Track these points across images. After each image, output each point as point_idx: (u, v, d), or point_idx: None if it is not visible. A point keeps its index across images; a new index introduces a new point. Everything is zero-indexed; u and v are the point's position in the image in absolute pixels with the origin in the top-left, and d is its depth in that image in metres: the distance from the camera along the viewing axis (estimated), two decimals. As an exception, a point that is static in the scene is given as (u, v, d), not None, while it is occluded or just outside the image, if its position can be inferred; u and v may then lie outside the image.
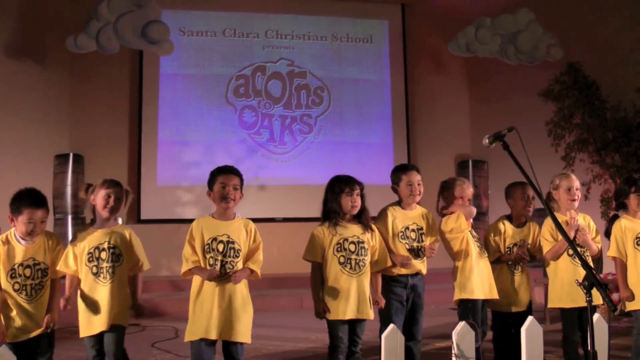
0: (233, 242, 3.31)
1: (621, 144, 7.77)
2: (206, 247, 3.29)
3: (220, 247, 3.29)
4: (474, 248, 3.82)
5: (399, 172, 3.82)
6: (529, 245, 3.99)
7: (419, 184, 3.76)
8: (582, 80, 8.23)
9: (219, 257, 3.27)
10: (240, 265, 3.31)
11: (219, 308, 3.22)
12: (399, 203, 3.83)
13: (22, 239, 3.30)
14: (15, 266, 3.25)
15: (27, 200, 3.27)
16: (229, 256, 3.28)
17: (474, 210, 3.84)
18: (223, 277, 3.24)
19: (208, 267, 3.26)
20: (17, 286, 3.24)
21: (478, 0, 9.58)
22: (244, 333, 3.27)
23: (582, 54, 8.40)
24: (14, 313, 3.23)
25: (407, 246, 3.69)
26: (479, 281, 3.78)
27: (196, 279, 3.32)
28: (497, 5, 9.38)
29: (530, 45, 8.84)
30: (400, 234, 3.71)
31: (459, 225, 3.81)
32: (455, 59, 9.90)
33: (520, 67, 9.11)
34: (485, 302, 3.87)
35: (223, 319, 3.22)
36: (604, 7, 8.65)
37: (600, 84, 8.19)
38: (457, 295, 3.81)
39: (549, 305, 3.97)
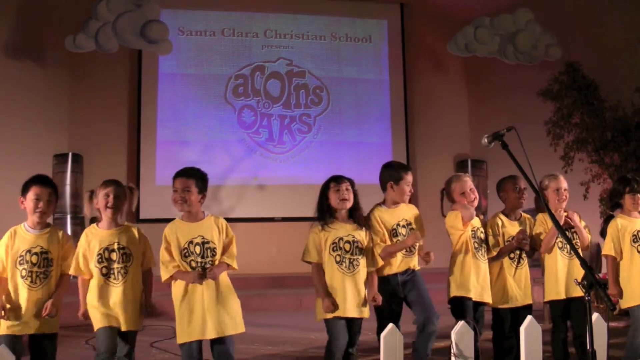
0: (208, 242, 3.33)
1: (620, 143, 7.78)
2: (184, 252, 3.31)
3: (198, 249, 3.30)
4: (470, 249, 3.83)
5: (400, 170, 3.83)
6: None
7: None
8: (581, 79, 8.24)
9: (199, 259, 3.29)
10: (217, 263, 3.32)
11: (209, 307, 3.24)
12: (383, 203, 3.85)
13: (32, 228, 3.37)
14: (23, 253, 3.31)
15: (35, 179, 3.39)
16: (207, 256, 3.30)
17: (474, 214, 3.84)
18: (204, 276, 3.26)
19: (189, 270, 3.28)
20: (24, 272, 3.30)
21: (477, 0, 9.58)
22: (238, 323, 3.30)
23: (581, 53, 8.41)
24: (17, 301, 3.26)
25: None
26: (474, 282, 3.80)
27: (178, 284, 3.32)
28: (496, 4, 9.39)
29: (529, 44, 8.85)
30: (392, 233, 3.73)
31: (456, 224, 3.83)
32: (454, 59, 9.90)
33: (519, 66, 9.12)
34: (481, 303, 3.88)
35: (216, 316, 3.24)
36: (602, 7, 8.66)
37: (599, 84, 8.20)
38: (454, 292, 3.82)
39: (545, 299, 4.03)
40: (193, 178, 3.41)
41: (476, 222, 3.92)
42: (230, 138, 9.57)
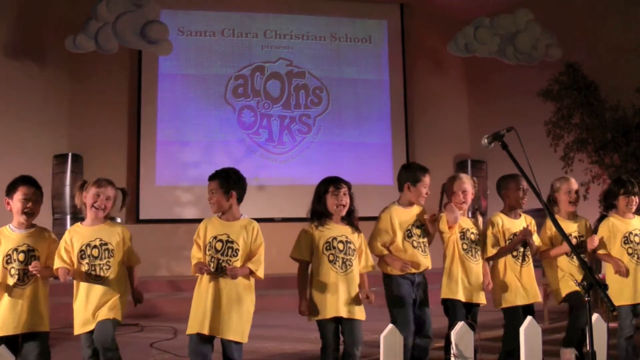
0: (232, 242, 3.35)
1: (620, 144, 7.78)
2: (207, 246, 3.36)
3: (219, 245, 3.34)
4: (457, 250, 3.85)
5: (418, 172, 3.82)
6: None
7: None
8: (580, 80, 8.24)
9: (217, 255, 3.32)
10: (238, 264, 3.33)
11: (211, 304, 3.26)
12: (397, 202, 3.85)
13: (17, 228, 3.39)
14: (10, 252, 3.33)
15: (21, 180, 3.41)
16: (226, 255, 3.32)
17: (458, 217, 3.82)
18: (218, 273, 3.29)
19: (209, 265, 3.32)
20: (12, 271, 3.31)
21: (477, 0, 9.58)
22: (236, 331, 3.27)
23: (581, 53, 8.41)
24: (8, 301, 3.27)
25: (415, 244, 3.72)
26: (464, 283, 3.81)
27: (199, 277, 3.38)
28: (496, 5, 9.39)
29: (529, 45, 8.85)
30: (406, 233, 3.73)
31: (442, 227, 3.87)
32: (454, 59, 9.90)
33: (519, 67, 9.12)
34: (475, 305, 3.88)
35: (214, 314, 3.25)
36: (602, 7, 8.67)
37: (599, 84, 8.20)
38: (443, 294, 3.87)
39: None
40: (216, 179, 3.42)
41: (466, 223, 3.93)
42: (230, 138, 9.57)
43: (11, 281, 3.30)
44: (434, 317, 3.79)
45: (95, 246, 3.36)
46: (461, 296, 3.80)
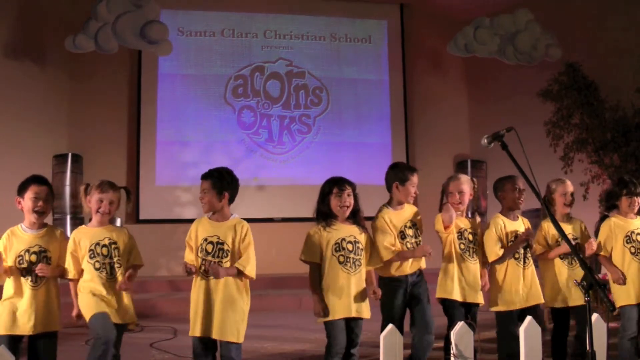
0: (222, 243, 3.35)
1: (620, 144, 7.78)
2: (199, 248, 3.36)
3: (209, 247, 3.34)
4: (455, 250, 3.85)
5: (406, 171, 3.82)
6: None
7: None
8: (580, 80, 8.24)
9: (208, 258, 3.32)
10: (228, 266, 3.33)
11: (203, 306, 3.28)
12: (388, 204, 3.84)
13: (29, 228, 3.39)
14: (22, 252, 3.32)
15: (32, 178, 3.42)
16: (217, 257, 3.32)
17: (453, 217, 3.82)
18: (207, 274, 3.30)
19: (200, 267, 3.33)
20: (24, 272, 3.32)
21: (477, 0, 9.58)
22: (231, 331, 3.27)
23: (581, 53, 8.41)
24: (20, 302, 3.28)
25: (408, 244, 3.72)
26: (459, 283, 3.81)
27: (193, 279, 3.39)
28: (496, 5, 9.39)
29: (529, 45, 8.85)
30: (399, 235, 3.73)
31: (439, 227, 3.88)
32: (454, 59, 9.90)
33: (519, 67, 9.12)
34: (474, 305, 3.88)
35: (207, 316, 3.26)
36: (602, 8, 8.67)
37: (598, 84, 8.20)
38: (437, 294, 3.89)
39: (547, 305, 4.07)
40: (209, 179, 3.42)
41: (463, 223, 3.93)
42: (230, 138, 9.57)
43: (24, 282, 3.30)
44: (433, 317, 3.79)
45: (104, 245, 3.39)
46: (457, 295, 3.80)
